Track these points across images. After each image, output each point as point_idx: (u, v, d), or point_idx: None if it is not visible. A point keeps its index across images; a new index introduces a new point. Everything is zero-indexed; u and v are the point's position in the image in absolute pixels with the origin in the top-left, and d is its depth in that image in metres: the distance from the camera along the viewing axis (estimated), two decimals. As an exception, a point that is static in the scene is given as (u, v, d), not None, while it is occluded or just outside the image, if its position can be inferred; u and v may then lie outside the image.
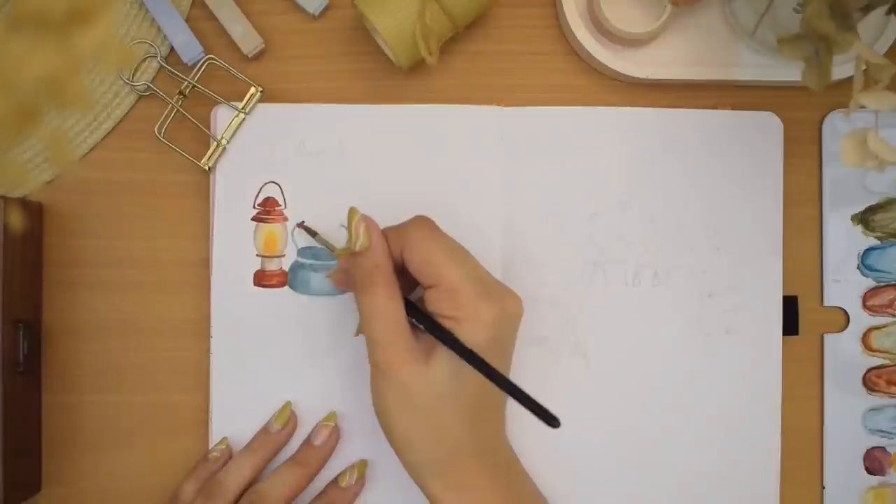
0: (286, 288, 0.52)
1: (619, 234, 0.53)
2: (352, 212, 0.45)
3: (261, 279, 0.52)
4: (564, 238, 0.52)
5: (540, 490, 0.47)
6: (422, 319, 0.43)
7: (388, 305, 0.43)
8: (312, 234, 0.51)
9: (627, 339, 0.52)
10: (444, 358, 0.42)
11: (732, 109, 0.53)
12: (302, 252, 0.53)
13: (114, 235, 0.53)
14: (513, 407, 0.42)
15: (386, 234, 0.45)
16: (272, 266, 0.52)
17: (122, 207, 0.53)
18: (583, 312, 0.52)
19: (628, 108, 0.53)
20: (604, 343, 0.52)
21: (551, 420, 0.38)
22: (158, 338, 0.53)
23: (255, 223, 0.52)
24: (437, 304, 0.43)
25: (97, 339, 0.53)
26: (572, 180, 0.53)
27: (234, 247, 0.52)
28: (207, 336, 0.52)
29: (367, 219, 0.45)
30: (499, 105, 0.53)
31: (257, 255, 0.52)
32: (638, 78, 0.53)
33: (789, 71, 0.52)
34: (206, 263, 0.53)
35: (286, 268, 0.52)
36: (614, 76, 0.54)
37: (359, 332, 0.47)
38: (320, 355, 0.52)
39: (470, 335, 0.42)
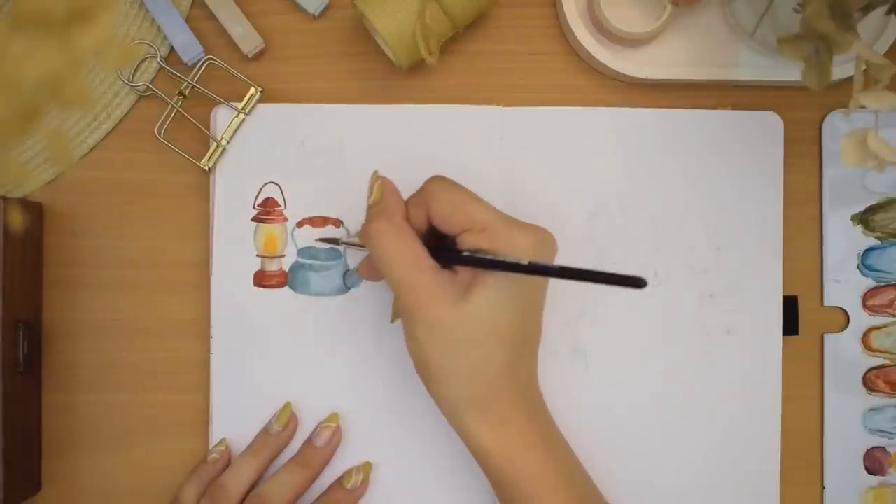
0: (286, 288, 0.52)
1: (619, 234, 0.53)
2: (373, 174, 0.45)
3: (261, 279, 0.52)
4: (564, 238, 0.51)
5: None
6: (460, 257, 0.43)
7: (401, 246, 0.42)
8: (333, 241, 0.51)
9: (627, 339, 0.52)
10: (483, 293, 0.42)
11: (733, 109, 0.53)
12: (302, 252, 0.53)
13: (114, 235, 0.53)
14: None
15: (408, 202, 0.45)
16: (272, 266, 0.52)
17: (122, 207, 0.53)
18: (583, 314, 0.52)
19: (628, 109, 0.53)
20: (604, 344, 0.52)
21: (637, 282, 0.36)
22: (158, 338, 0.53)
23: (255, 223, 0.52)
24: (472, 243, 0.43)
25: (97, 339, 0.53)
26: (572, 180, 0.53)
27: (234, 247, 0.52)
28: (207, 336, 0.52)
29: (384, 178, 0.45)
30: (499, 105, 0.53)
31: (257, 256, 0.52)
32: (638, 78, 0.53)
33: (789, 71, 0.52)
34: (206, 263, 0.53)
35: (286, 268, 0.52)
36: (614, 76, 0.54)
37: (394, 317, 0.48)
38: (321, 355, 0.52)
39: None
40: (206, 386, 0.52)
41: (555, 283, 0.49)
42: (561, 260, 0.52)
